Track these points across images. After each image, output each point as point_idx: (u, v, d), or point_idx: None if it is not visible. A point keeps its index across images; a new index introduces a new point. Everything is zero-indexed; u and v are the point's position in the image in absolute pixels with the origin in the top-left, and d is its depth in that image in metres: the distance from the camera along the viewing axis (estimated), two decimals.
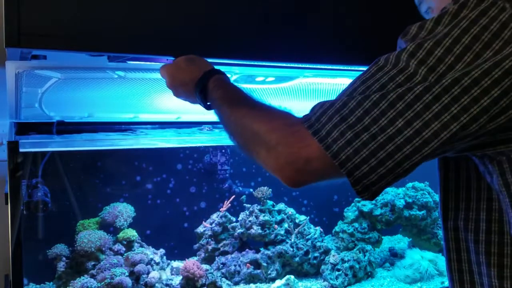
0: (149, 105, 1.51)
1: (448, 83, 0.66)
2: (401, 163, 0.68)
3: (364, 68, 0.75)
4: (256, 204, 1.95)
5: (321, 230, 2.04)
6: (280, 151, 0.72)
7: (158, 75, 1.10)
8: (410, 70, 0.69)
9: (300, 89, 1.48)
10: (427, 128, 0.66)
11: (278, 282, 1.75)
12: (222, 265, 1.87)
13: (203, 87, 0.96)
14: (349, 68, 1.28)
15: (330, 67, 1.28)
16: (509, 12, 0.66)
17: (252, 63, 1.20)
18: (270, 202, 1.97)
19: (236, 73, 1.27)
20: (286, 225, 1.95)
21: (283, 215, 1.97)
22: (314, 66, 1.28)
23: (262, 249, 1.89)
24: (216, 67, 1.01)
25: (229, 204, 1.98)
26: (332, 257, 1.91)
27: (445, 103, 0.66)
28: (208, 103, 0.97)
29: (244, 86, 1.38)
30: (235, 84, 0.96)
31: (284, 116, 0.78)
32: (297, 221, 2.00)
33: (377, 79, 0.71)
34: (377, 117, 0.68)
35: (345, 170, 0.69)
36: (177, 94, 1.07)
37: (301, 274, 1.94)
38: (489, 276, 0.78)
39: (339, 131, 0.69)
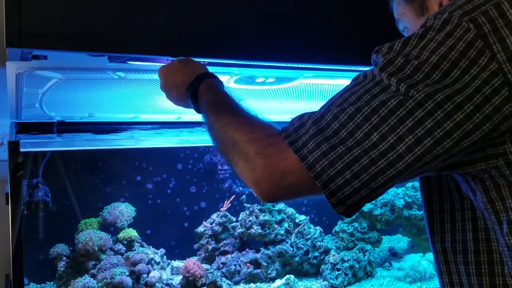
0: (149, 105, 1.51)
1: (421, 98, 0.66)
2: (376, 177, 0.68)
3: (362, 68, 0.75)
4: (256, 204, 1.95)
5: (321, 229, 2.04)
6: (257, 162, 0.72)
7: (157, 76, 1.11)
8: (385, 83, 0.69)
9: (300, 90, 1.49)
10: (401, 143, 0.66)
11: (278, 282, 1.75)
12: (222, 265, 1.88)
13: (194, 90, 0.96)
14: (348, 68, 1.29)
15: (329, 67, 1.28)
16: (474, 32, 0.67)
17: (252, 63, 1.21)
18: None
19: (236, 74, 1.27)
20: (286, 225, 1.96)
21: (283, 214, 1.97)
22: (313, 67, 1.28)
23: (262, 249, 1.90)
24: (216, 67, 1.02)
25: (229, 204, 1.98)
26: (332, 257, 1.91)
27: (419, 118, 0.66)
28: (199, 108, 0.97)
29: (245, 87, 1.38)
30: (227, 89, 0.95)
31: (264, 127, 0.77)
32: (297, 220, 2.01)
33: (354, 92, 0.71)
34: (353, 130, 0.68)
35: (320, 182, 0.69)
36: (169, 96, 1.07)
37: (301, 274, 1.95)
38: None
39: (315, 143, 0.69)
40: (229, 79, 1.29)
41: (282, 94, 1.51)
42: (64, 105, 1.45)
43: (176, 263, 1.88)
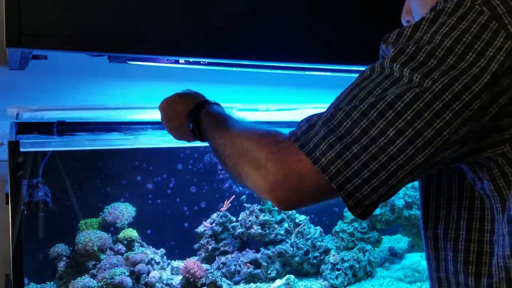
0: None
1: (438, 90, 0.65)
2: (395, 173, 0.66)
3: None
4: (256, 204, 1.95)
5: (321, 229, 2.04)
6: (269, 168, 0.69)
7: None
8: (396, 75, 0.68)
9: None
10: (419, 137, 0.65)
11: (278, 282, 1.75)
12: (222, 265, 1.88)
13: (195, 117, 0.95)
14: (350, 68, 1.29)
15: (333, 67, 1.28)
16: (487, 14, 0.66)
17: (252, 63, 1.21)
18: (270, 202, 1.97)
19: (238, 109, 1.27)
20: (286, 225, 1.96)
21: (283, 214, 1.97)
22: (318, 67, 1.28)
23: (262, 249, 1.90)
24: (216, 67, 1.01)
25: (229, 204, 1.98)
26: (332, 257, 1.91)
27: (437, 111, 0.65)
28: (201, 134, 0.95)
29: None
30: (229, 112, 0.94)
31: (274, 134, 0.75)
32: (297, 220, 2.01)
33: (363, 88, 0.69)
34: (367, 127, 0.66)
35: (336, 184, 0.67)
36: (170, 128, 1.06)
37: (301, 274, 1.95)
38: (467, 285, 0.77)
39: (328, 144, 0.67)
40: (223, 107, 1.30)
41: None
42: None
43: (176, 263, 1.88)
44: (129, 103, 1.75)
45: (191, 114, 0.96)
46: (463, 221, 0.78)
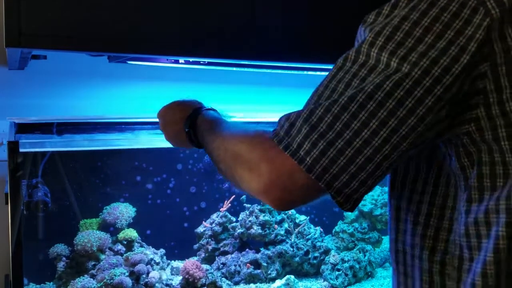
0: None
1: (418, 76, 0.64)
2: (380, 165, 0.66)
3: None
4: (256, 204, 1.95)
5: (321, 230, 2.04)
6: (262, 169, 0.68)
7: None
8: (371, 62, 0.66)
9: None
10: (403, 125, 0.65)
11: (278, 282, 1.75)
12: (222, 265, 1.87)
13: (192, 123, 0.95)
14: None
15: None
16: None
17: (252, 63, 1.21)
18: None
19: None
20: (286, 225, 1.96)
21: (283, 215, 1.97)
22: (318, 67, 1.28)
23: (262, 249, 1.89)
24: (216, 67, 1.01)
25: (229, 204, 1.98)
26: (332, 257, 1.91)
27: (419, 97, 0.64)
28: (199, 141, 0.95)
29: None
30: (224, 116, 0.94)
31: (263, 134, 0.74)
32: (297, 221, 2.00)
33: (340, 80, 0.68)
34: (349, 121, 0.65)
35: (323, 182, 0.66)
36: (167, 135, 1.06)
37: (301, 274, 1.94)
38: (421, 258, 0.77)
39: (311, 142, 0.66)
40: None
41: None
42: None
43: (176, 264, 1.88)
44: (128, 103, 1.75)
45: (188, 120, 0.96)
46: (426, 195, 0.77)
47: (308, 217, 2.04)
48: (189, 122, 0.95)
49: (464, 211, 0.71)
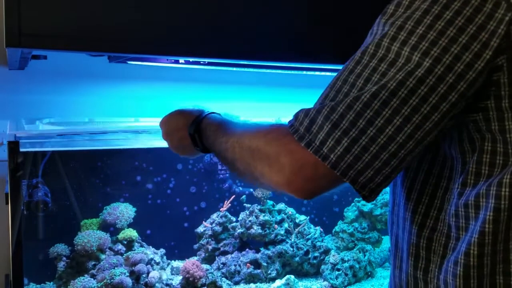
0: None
1: (441, 72, 0.64)
2: (404, 159, 0.67)
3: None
4: (256, 204, 1.95)
5: (321, 230, 2.04)
6: (282, 161, 0.69)
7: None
8: (391, 56, 0.66)
9: None
10: (427, 121, 0.66)
11: (278, 282, 1.75)
12: (222, 265, 1.87)
13: (197, 127, 0.94)
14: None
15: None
16: None
17: (252, 63, 1.21)
18: (270, 202, 1.97)
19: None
20: (286, 225, 1.96)
21: (283, 215, 1.97)
22: (318, 67, 1.28)
23: (262, 249, 1.89)
24: (216, 66, 1.01)
25: (229, 204, 1.98)
26: (332, 257, 1.91)
27: (442, 94, 0.65)
28: (204, 145, 0.95)
29: None
30: (230, 117, 0.94)
31: (278, 127, 0.75)
32: (297, 221, 2.00)
33: (359, 74, 0.68)
34: (372, 118, 0.66)
35: (348, 178, 0.67)
36: (171, 142, 1.05)
37: (301, 274, 1.94)
38: (410, 232, 0.79)
39: (334, 139, 0.67)
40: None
41: None
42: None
43: (176, 263, 1.88)
44: (129, 103, 1.75)
45: (192, 125, 0.96)
46: (421, 174, 0.79)
47: (308, 217, 2.04)
48: (194, 127, 0.95)
49: (457, 193, 0.73)
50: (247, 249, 1.91)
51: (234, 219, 1.97)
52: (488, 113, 0.69)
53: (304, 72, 1.50)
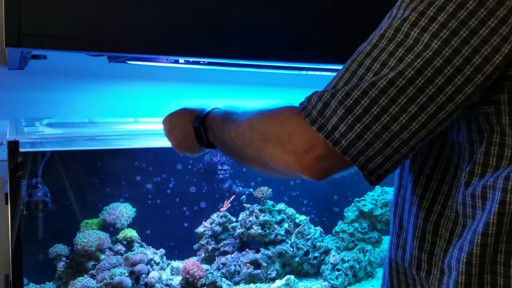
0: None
1: (459, 63, 0.64)
2: (414, 147, 0.68)
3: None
4: (256, 204, 1.95)
5: (321, 230, 2.04)
6: (295, 141, 0.69)
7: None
8: (409, 41, 0.66)
9: None
10: (441, 111, 0.66)
11: (278, 282, 1.75)
12: (222, 265, 1.87)
13: (202, 121, 0.94)
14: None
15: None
16: None
17: (252, 63, 1.20)
18: (270, 202, 1.97)
19: None
20: (286, 225, 1.95)
21: (283, 215, 1.97)
22: (318, 67, 1.28)
23: (262, 249, 1.89)
24: (216, 66, 1.01)
25: (229, 204, 1.98)
26: (332, 257, 1.90)
27: (459, 85, 0.65)
28: (208, 140, 0.94)
29: None
30: (234, 106, 0.93)
31: (289, 108, 0.75)
32: (297, 221, 2.00)
33: (375, 58, 0.68)
34: (387, 105, 0.66)
35: (358, 164, 0.68)
36: (175, 140, 1.04)
37: (301, 274, 1.94)
38: (417, 217, 0.80)
39: (347, 125, 0.67)
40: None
41: None
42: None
43: (176, 264, 1.88)
44: (128, 103, 1.75)
45: (197, 119, 0.95)
46: (431, 159, 0.80)
47: (308, 217, 2.04)
48: (199, 121, 0.95)
49: (464, 182, 0.74)
50: (247, 249, 1.91)
51: (234, 219, 1.97)
52: (500, 106, 0.69)
53: (304, 72, 1.50)
